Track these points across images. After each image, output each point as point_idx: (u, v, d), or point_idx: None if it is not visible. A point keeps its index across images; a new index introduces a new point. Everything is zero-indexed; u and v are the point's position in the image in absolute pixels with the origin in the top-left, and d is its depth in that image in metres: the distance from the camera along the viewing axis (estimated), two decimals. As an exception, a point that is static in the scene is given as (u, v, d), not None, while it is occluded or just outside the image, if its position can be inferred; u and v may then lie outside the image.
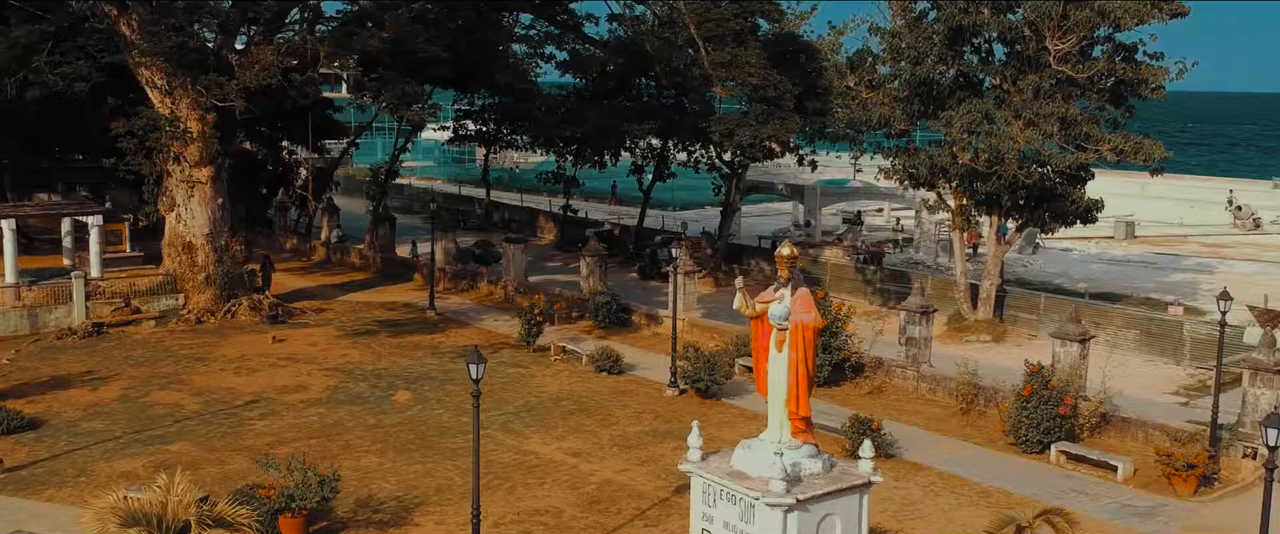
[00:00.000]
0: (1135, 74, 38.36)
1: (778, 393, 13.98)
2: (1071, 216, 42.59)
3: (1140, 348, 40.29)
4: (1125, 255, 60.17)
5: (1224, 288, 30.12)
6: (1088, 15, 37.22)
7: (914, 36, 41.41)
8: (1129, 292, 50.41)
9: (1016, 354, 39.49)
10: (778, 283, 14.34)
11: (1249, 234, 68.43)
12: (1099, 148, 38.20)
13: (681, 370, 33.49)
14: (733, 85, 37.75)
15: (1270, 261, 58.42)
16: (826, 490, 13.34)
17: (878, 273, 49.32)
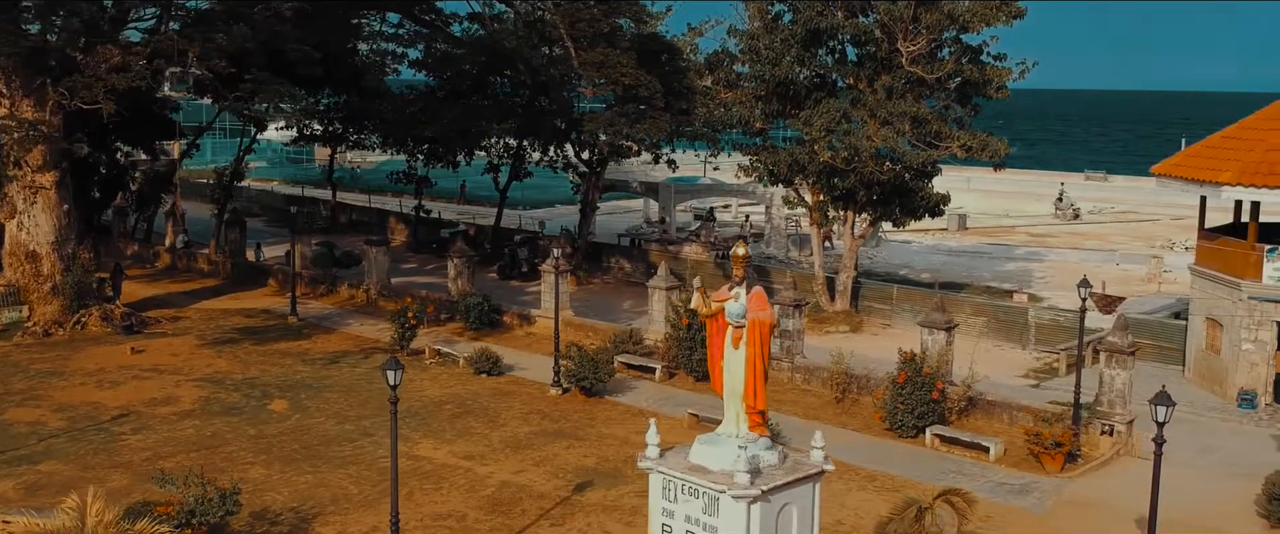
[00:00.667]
0: (981, 75, 40.41)
1: (735, 388, 14.42)
2: (921, 210, 44.65)
3: (988, 334, 42.47)
4: (960, 247, 63.19)
5: (1084, 276, 32.14)
6: (937, 18, 39.05)
7: (772, 38, 42.62)
8: (969, 281, 53.11)
9: (874, 343, 41.25)
10: (732, 282, 14.78)
11: (1069, 224, 72.77)
12: (950, 145, 40.08)
13: (565, 369, 33.65)
14: (604, 84, 38.09)
15: (1092, 250, 62.40)
16: (786, 481, 13.86)
17: (735, 268, 50.44)
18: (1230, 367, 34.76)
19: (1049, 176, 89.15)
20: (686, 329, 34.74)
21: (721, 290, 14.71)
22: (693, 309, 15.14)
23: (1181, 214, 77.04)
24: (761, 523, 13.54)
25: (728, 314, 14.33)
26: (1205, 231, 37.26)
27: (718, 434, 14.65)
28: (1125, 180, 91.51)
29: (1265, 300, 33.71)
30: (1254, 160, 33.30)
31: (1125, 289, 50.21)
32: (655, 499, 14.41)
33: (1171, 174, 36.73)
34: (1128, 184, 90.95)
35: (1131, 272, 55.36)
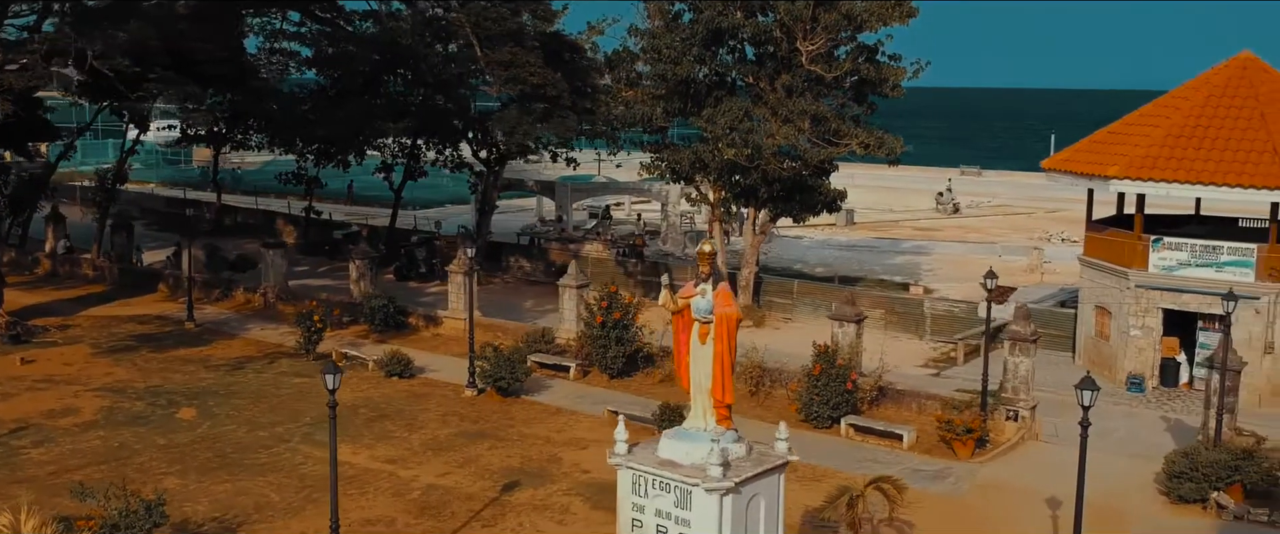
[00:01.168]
0: (877, 74, 41.46)
1: (703, 383, 14.64)
2: (819, 206, 45.61)
3: (887, 326, 43.60)
4: (850, 241, 64.67)
5: (990, 267, 33.21)
6: (835, 18, 39.93)
7: (672, 37, 42.97)
8: (862, 274, 54.43)
9: (777, 337, 41.99)
10: (698, 278, 14.98)
11: (950, 218, 75.07)
12: (850, 143, 41.01)
13: (480, 370, 33.47)
14: (510, 83, 37.90)
15: (975, 242, 64.52)
16: (755, 472, 14.15)
17: (638, 266, 50.82)
18: (1119, 352, 36.42)
19: (929, 173, 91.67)
20: (600, 327, 34.87)
21: (687, 287, 14.92)
22: (599, 308, 15.28)
23: (1056, 207, 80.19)
24: (732, 514, 13.81)
25: (695, 310, 14.53)
26: (1092, 224, 38.96)
27: (685, 429, 14.85)
28: (997, 175, 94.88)
29: (1151, 288, 35.43)
30: (1139, 155, 34.93)
31: (1010, 280, 52.06)
32: (624, 495, 14.55)
33: (1061, 168, 38.29)
34: (1000, 179, 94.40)
35: (1014, 263, 57.34)
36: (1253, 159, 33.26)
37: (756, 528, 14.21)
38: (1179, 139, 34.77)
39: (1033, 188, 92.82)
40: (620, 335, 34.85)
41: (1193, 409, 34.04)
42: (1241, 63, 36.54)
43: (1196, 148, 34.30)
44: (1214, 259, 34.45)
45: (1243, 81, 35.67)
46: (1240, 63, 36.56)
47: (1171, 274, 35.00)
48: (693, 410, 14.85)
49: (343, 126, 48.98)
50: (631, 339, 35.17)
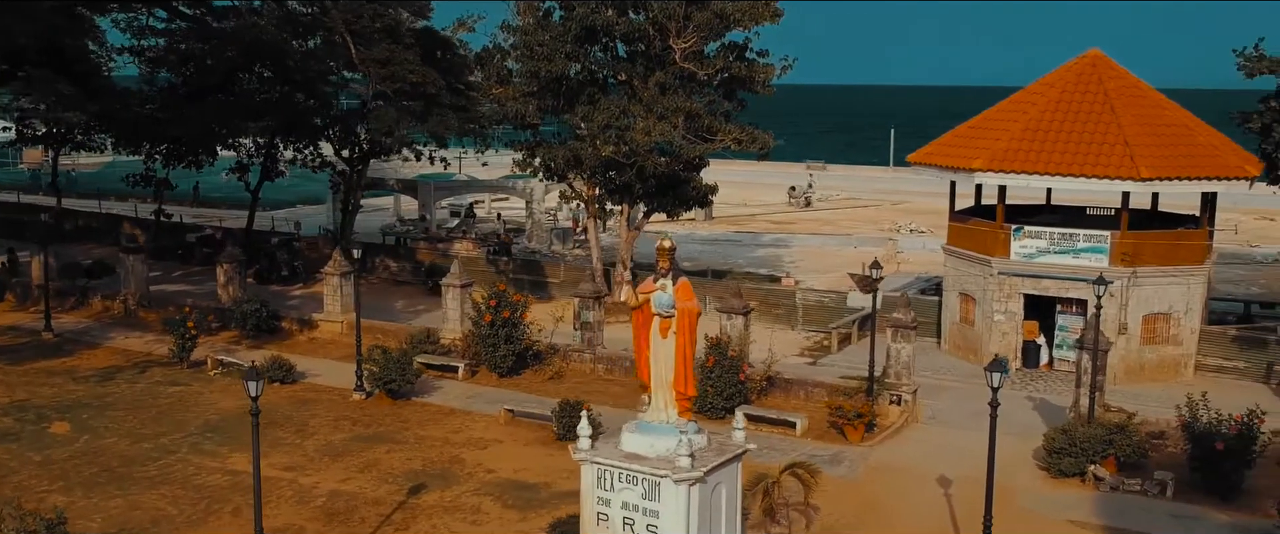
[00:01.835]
0: (748, 72, 42.40)
1: (665, 376, 14.88)
2: (691, 201, 46.39)
3: (760, 317, 44.59)
4: (711, 235, 65.81)
5: (875, 258, 34.43)
6: (707, 16, 40.68)
7: (544, 35, 43.02)
8: (727, 267, 55.51)
9: (655, 331, 42.56)
10: (657, 273, 15.20)
11: (803, 211, 77.18)
12: (725, 139, 41.85)
13: (369, 373, 32.92)
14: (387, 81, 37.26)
15: (830, 235, 66.52)
16: (720, 462, 14.49)
17: (510, 264, 50.67)
18: (984, 336, 38.23)
19: (780, 168, 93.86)
20: (490, 326, 34.73)
21: (646, 282, 15.15)
22: (488, 307, 15.46)
23: (900, 199, 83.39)
24: (700, 504, 14.14)
25: (656, 305, 14.77)
26: (955, 214, 40.75)
27: (647, 422, 15.09)
28: (842, 169, 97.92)
29: (1013, 275, 37.30)
30: (1001, 148, 36.71)
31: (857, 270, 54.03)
32: (588, 491, 14.70)
33: (926, 162, 39.91)
34: (844, 173, 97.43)
35: (868, 254, 59.33)
36: (1105, 151, 35.35)
37: (719, 516, 14.58)
38: (1037, 133, 36.68)
39: (877, 181, 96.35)
40: (510, 334, 34.79)
41: (1055, 389, 36.06)
42: (1090, 60, 38.78)
43: (1054, 141, 36.25)
44: (1071, 246, 36.49)
45: (1093, 78, 37.85)
46: (1089, 60, 38.80)
47: (1032, 261, 36.93)
48: (653, 404, 15.10)
49: (196, 126, 47.23)
50: (520, 337, 35.13)
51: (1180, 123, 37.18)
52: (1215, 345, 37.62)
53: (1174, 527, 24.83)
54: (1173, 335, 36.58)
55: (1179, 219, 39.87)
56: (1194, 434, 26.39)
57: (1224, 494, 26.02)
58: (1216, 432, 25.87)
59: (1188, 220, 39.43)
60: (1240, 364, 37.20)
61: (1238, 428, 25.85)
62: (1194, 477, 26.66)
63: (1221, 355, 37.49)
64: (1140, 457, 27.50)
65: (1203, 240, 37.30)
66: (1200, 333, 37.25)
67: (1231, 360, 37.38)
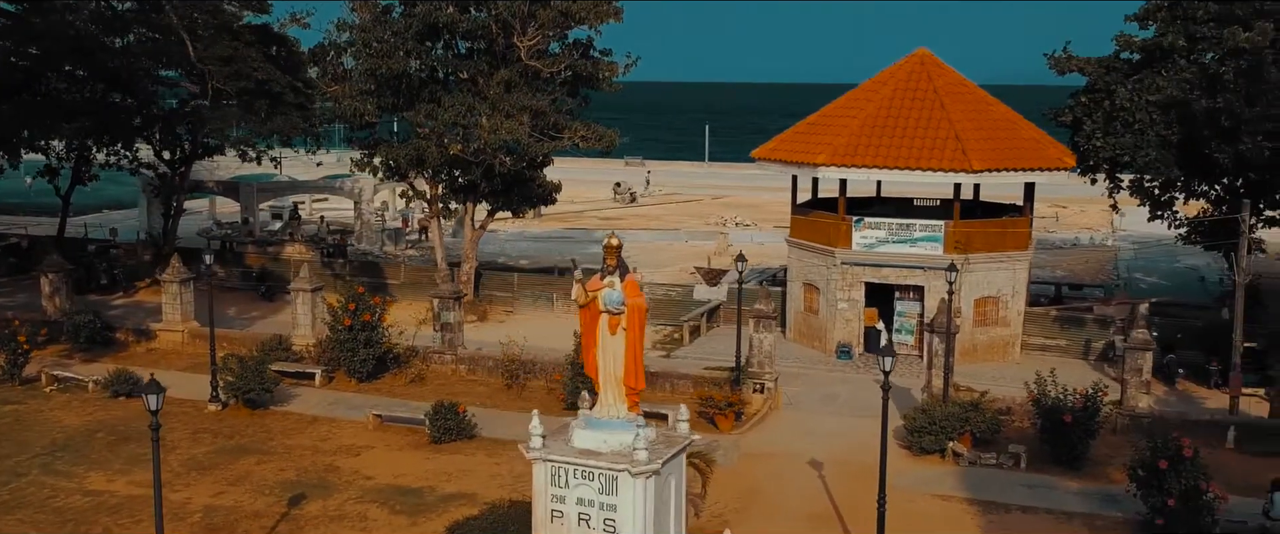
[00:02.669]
0: (593, 69, 42.79)
1: (615, 372, 15.04)
2: (536, 199, 46.47)
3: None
4: (542, 233, 65.88)
5: (741, 251, 35.28)
6: (552, 14, 40.85)
7: (383, 31, 42.27)
8: (567, 265, 55.72)
9: (504, 330, 42.31)
10: (604, 270, 15.34)
11: (628, 206, 78.09)
12: (572, 136, 42.11)
13: (225, 382, 31.72)
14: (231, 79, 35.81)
15: (659, 230, 67.59)
16: (671, 454, 14.79)
17: (346, 265, 49.54)
18: (828, 324, 39.79)
19: (603, 165, 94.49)
20: (348, 330, 33.98)
21: (593, 279, 15.30)
22: (346, 310, 15.53)
23: (720, 193, 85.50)
24: (654, 495, 14.44)
25: (606, 302, 14.95)
26: (796, 208, 42.22)
27: (596, 418, 15.26)
28: (660, 165, 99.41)
29: (855, 264, 38.97)
30: (842, 144, 38.28)
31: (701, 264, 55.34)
32: (542, 489, 14.76)
33: (770, 157, 41.17)
34: (663, 168, 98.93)
35: (700, 247, 60.79)
36: (939, 145, 37.33)
37: (669, 506, 14.91)
38: (875, 128, 38.41)
39: (696, 176, 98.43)
40: (369, 338, 34.14)
41: (898, 372, 37.53)
42: (919, 58, 40.86)
43: (891, 136, 38.04)
44: (908, 236, 38.39)
45: (922, 76, 39.90)
46: (918, 58, 40.87)
47: (873, 251, 38.67)
48: (602, 400, 15.29)
49: (1, 128, 44.14)
50: (380, 341, 34.52)
51: (1003, 118, 39.61)
52: (1038, 326, 40.29)
53: (1030, 496, 26.57)
54: (1002, 317, 38.95)
55: (1001, 208, 42.41)
56: (1043, 409, 28.28)
57: (1071, 463, 28.01)
58: (1064, 406, 27.80)
59: (1008, 209, 41.99)
60: (1062, 342, 39.96)
61: (1082, 402, 27.85)
62: (1043, 448, 28.58)
63: (1044, 335, 40.18)
64: (993, 432, 29.27)
65: (1026, 228, 39.84)
66: (1025, 314, 39.80)
67: (1053, 339, 40.12)
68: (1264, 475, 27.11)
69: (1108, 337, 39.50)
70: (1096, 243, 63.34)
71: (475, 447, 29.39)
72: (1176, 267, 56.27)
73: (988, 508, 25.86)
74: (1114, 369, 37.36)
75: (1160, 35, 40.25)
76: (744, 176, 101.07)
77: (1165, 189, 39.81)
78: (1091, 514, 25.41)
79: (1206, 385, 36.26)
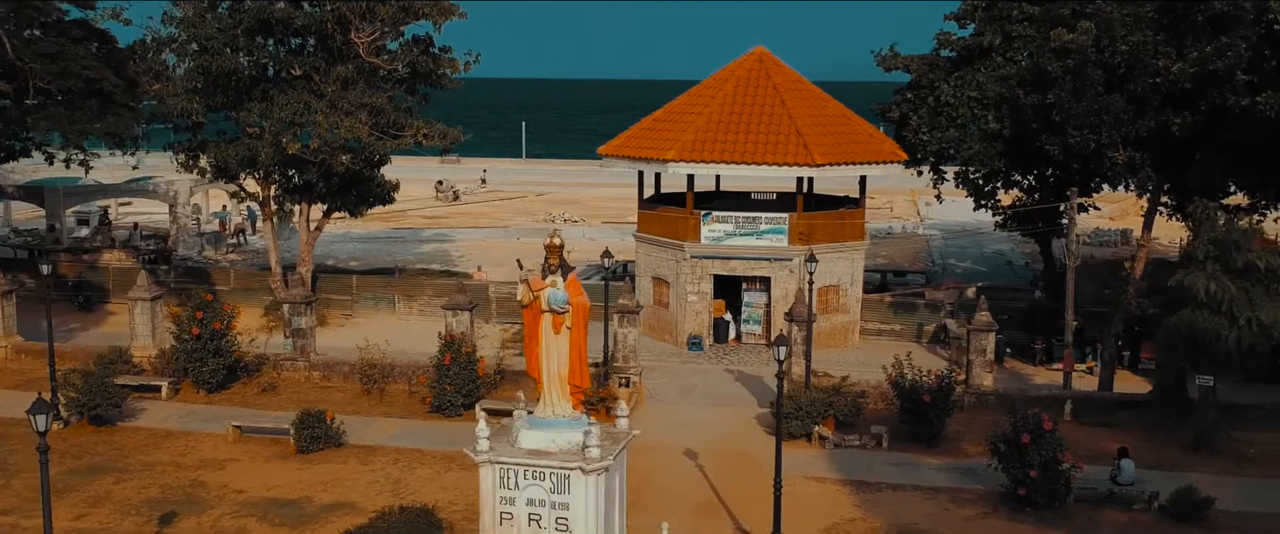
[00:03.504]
0: (434, 66, 42.17)
1: (561, 371, 14.97)
2: (373, 199, 45.48)
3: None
4: (368, 233, 64.40)
5: (606, 247, 35.42)
6: (393, 10, 40.07)
7: (213, 27, 40.52)
8: (400, 265, 54.75)
9: (344, 334, 41.51)
10: (546, 269, 15.25)
11: (452, 205, 77.18)
12: (416, 135, 41.38)
13: (68, 399, 29.89)
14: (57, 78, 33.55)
15: (488, 228, 67.14)
16: (618, 449, 14.89)
17: (171, 272, 47.31)
18: (678, 317, 40.55)
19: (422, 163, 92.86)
20: (196, 339, 32.52)
21: (535, 279, 15.24)
22: (194, 319, 15.40)
23: (543, 190, 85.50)
24: (604, 491, 14.56)
25: (551, 301, 14.90)
26: (643, 203, 42.80)
27: (541, 418, 15.22)
28: (476, 162, 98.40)
29: (704, 257, 39.84)
30: (690, 140, 39.05)
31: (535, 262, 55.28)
32: (490, 492, 14.63)
33: (617, 154, 41.57)
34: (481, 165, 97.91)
35: (534, 244, 60.62)
36: (782, 141, 38.56)
37: (614, 500, 15.04)
38: (721, 125, 39.34)
39: (513, 173, 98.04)
40: (219, 347, 32.78)
41: (747, 361, 39.01)
42: (757, 57, 42.05)
43: (736, 132, 39.05)
44: (755, 228, 39.53)
45: (762, 73, 41.09)
46: (756, 57, 42.05)
47: (720, 244, 39.62)
48: (546, 399, 15.25)
49: None
50: (231, 349, 33.19)
51: (838, 113, 41.22)
52: (874, 312, 42.17)
53: (896, 473, 27.87)
54: (842, 305, 40.57)
55: (835, 200, 44.08)
56: (902, 390, 29.68)
57: (929, 441, 29.52)
58: (922, 387, 29.26)
59: (842, 202, 43.69)
60: (896, 327, 41.94)
61: (937, 383, 29.38)
62: (903, 428, 30.00)
63: (880, 320, 42.08)
64: (855, 415, 30.53)
65: (862, 219, 41.59)
66: (862, 302, 41.56)
67: (888, 324, 42.07)
68: (1101, 444, 29.36)
69: (938, 320, 41.70)
70: (909, 231, 66.49)
71: (346, 454, 28.69)
72: (985, 252, 59.74)
73: (860, 487, 27.00)
74: (946, 350, 39.53)
75: (978, 34, 42.80)
76: (563, 173, 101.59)
77: (988, 180, 42.21)
78: (955, 488, 26.86)
79: (1032, 363, 38.77)
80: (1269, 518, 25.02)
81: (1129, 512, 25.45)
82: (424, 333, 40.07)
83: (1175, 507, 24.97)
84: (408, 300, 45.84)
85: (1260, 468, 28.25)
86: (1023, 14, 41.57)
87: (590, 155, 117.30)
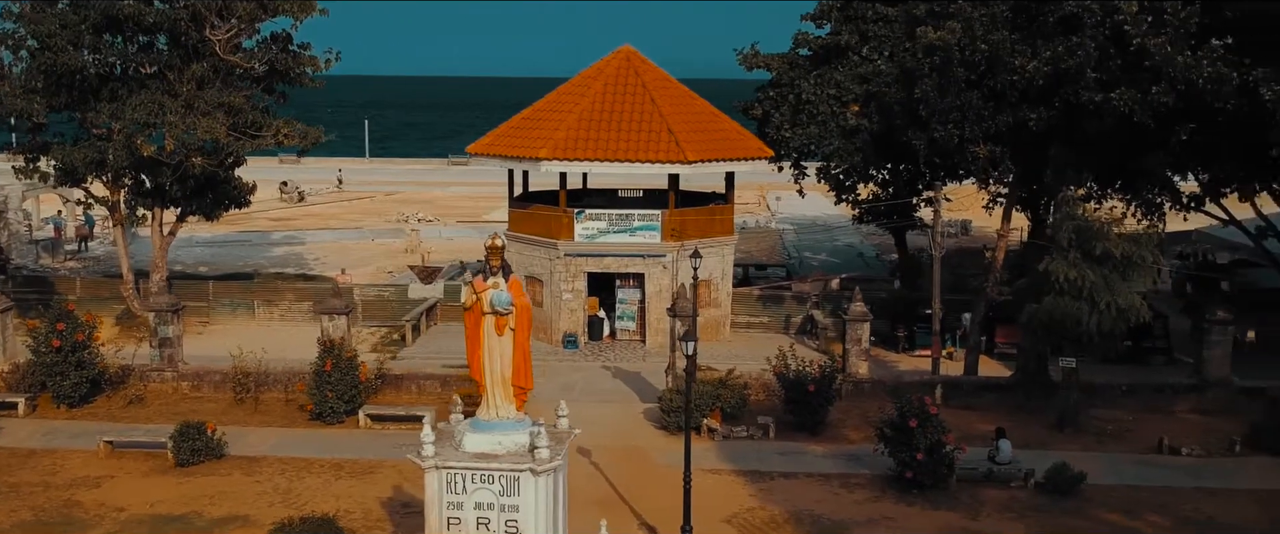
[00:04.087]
0: (293, 64, 41.02)
1: (504, 373, 14.81)
2: (229, 202, 44.00)
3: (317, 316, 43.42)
4: (213, 237, 62.07)
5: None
6: (251, 7, 38.81)
7: (55, 23, 38.46)
8: (252, 269, 53.08)
9: (205, 342, 40.11)
10: (487, 271, 15.05)
11: (297, 206, 75.06)
12: (276, 135, 40.17)
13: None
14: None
15: (340, 229, 65.60)
16: (564, 449, 14.86)
17: (8, 282, 44.67)
18: (553, 315, 40.52)
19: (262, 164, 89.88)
20: (57, 352, 30.87)
21: (477, 281, 15.07)
22: (55, 331, 15.17)
23: (392, 189, 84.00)
24: (551, 490, 14.56)
25: (495, 302, 14.76)
26: (514, 201, 42.60)
27: (483, 420, 15.08)
28: (317, 162, 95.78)
29: (578, 255, 39.93)
30: (562, 138, 39.04)
31: (392, 262, 54.54)
32: (437, 497, 14.42)
33: (488, 152, 41.22)
34: (319, 165, 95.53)
35: (388, 245, 59.67)
36: (654, 138, 38.93)
37: (558, 500, 15.04)
38: (592, 123, 39.47)
39: (361, 173, 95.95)
40: (81, 359, 31.20)
41: (623, 357, 39.29)
42: (625, 55, 42.33)
43: (608, 130, 39.25)
44: (628, 225, 39.83)
45: (629, 71, 41.39)
46: (624, 55, 42.33)
47: (595, 241, 39.78)
48: (488, 401, 15.10)
49: None
50: (94, 362, 31.63)
51: (706, 111, 41.89)
52: (743, 305, 43.02)
53: (786, 462, 28.58)
54: (714, 299, 41.24)
55: (702, 197, 44.73)
56: (787, 381, 30.43)
57: (813, 430, 30.36)
58: (807, 377, 30.06)
59: (709, 198, 44.38)
60: (765, 319, 42.88)
61: (820, 373, 30.23)
62: (787, 418, 30.76)
63: (749, 313, 42.95)
64: (740, 407, 31.13)
65: (732, 215, 42.36)
66: (732, 295, 42.36)
67: (757, 317, 42.98)
68: (970, 426, 30.72)
69: (805, 311, 42.83)
70: (762, 226, 67.97)
71: (228, 466, 27.74)
72: (837, 245, 61.62)
73: (754, 477, 27.59)
74: (813, 341, 40.66)
75: (835, 34, 44.13)
76: (410, 172, 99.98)
77: (849, 175, 43.55)
78: (844, 474, 27.72)
79: (896, 351, 40.20)
80: (1134, 490, 26.68)
81: (1007, 489, 26.76)
82: (288, 339, 39.09)
83: (1050, 482, 26.37)
84: (268, 306, 44.47)
85: (1120, 443, 30.09)
86: (877, 14, 43.08)
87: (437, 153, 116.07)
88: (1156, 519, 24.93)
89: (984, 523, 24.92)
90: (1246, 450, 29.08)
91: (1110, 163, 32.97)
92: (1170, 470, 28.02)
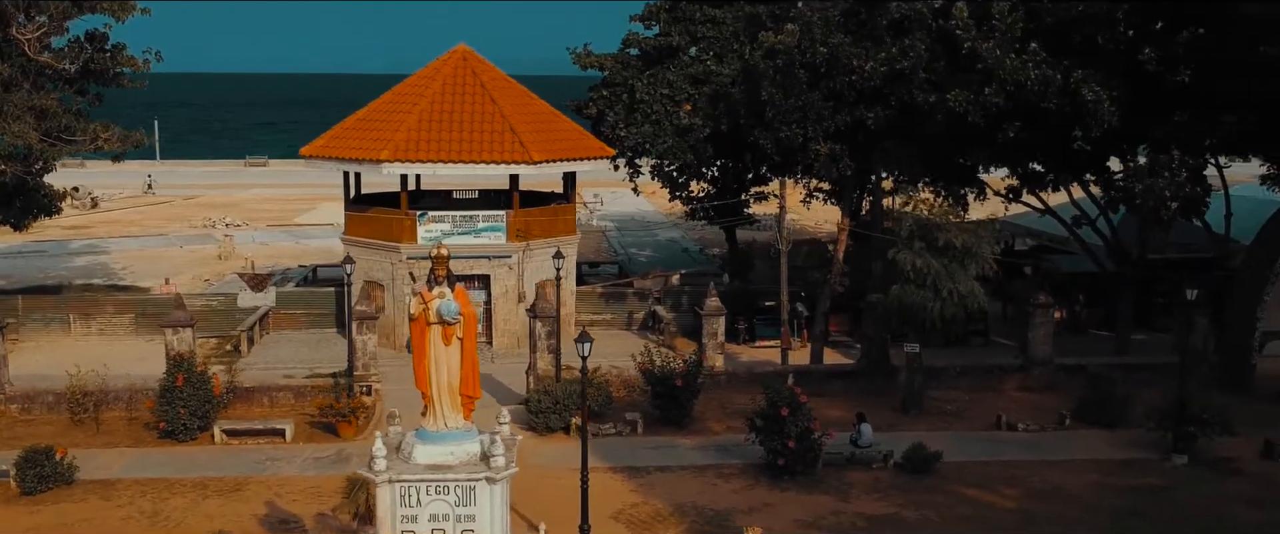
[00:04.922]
0: (113, 64, 38.96)
1: (452, 382, 14.59)
2: (41, 210, 41.44)
3: (140, 329, 41.42)
4: (8, 247, 57.97)
5: (348, 254, 34.03)
6: (63, 5, 36.64)
7: None
8: (57, 281, 49.96)
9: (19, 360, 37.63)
10: (433, 281, 14.82)
11: (91, 212, 70.84)
12: (93, 139, 38.04)
13: None
14: None
15: (143, 236, 62.35)
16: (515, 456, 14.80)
17: None
18: (396, 321, 39.80)
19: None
20: None
21: (423, 291, 14.87)
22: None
23: (193, 194, 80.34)
24: (503, 498, 14.57)
25: (444, 312, 14.59)
26: (351, 204, 41.64)
27: (430, 431, 14.90)
28: (102, 166, 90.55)
29: (421, 258, 39.18)
30: (402, 139, 38.41)
31: (209, 270, 52.42)
32: (390, 510, 14.17)
33: (323, 154, 40.15)
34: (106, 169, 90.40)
35: (199, 252, 57.20)
36: (497, 138, 38.79)
37: (505, 505, 15.04)
38: (433, 123, 39.00)
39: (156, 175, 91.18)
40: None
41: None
42: (461, 55, 41.96)
43: (450, 130, 38.86)
44: (473, 227, 39.57)
45: (467, 71, 41.07)
46: (460, 55, 41.96)
47: (439, 244, 39.27)
48: (435, 412, 14.92)
49: None
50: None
51: (545, 111, 42.03)
52: (587, 303, 43.39)
53: (658, 457, 29.13)
54: (560, 298, 41.43)
55: (542, 196, 44.83)
56: (654, 376, 31.00)
57: (680, 423, 31.06)
58: (673, 373, 30.71)
59: (550, 198, 44.52)
60: (608, 316, 43.40)
61: (686, 368, 30.94)
62: (654, 413, 31.34)
63: (592, 311, 43.35)
64: (606, 405, 31.52)
65: (573, 215, 42.67)
66: (576, 293, 42.68)
67: (600, 314, 43.43)
68: (823, 412, 31.91)
69: (647, 307, 43.58)
70: (583, 224, 68.47)
71: (81, 492, 26.23)
72: (660, 240, 62.78)
73: (630, 473, 28.01)
74: (656, 336, 41.42)
75: (664, 35, 45.03)
76: (207, 174, 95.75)
77: (682, 172, 44.53)
78: (717, 465, 28.48)
79: (737, 343, 41.40)
80: (984, 465, 28.49)
81: (870, 471, 28.12)
82: (110, 354, 37.32)
83: (909, 463, 27.88)
84: (85, 319, 41.99)
85: (962, 422, 32.03)
86: (705, 15, 44.22)
87: (234, 154, 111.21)
88: (1010, 492, 26.72)
89: (855, 504, 26.14)
90: (1075, 424, 31.46)
91: (940, 158, 34.89)
92: (1012, 445, 30.04)
